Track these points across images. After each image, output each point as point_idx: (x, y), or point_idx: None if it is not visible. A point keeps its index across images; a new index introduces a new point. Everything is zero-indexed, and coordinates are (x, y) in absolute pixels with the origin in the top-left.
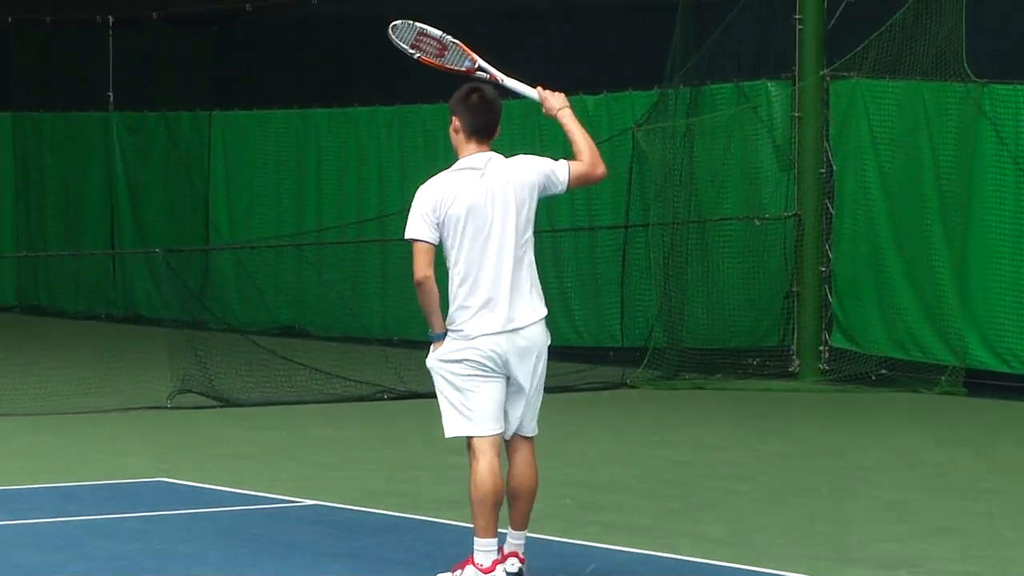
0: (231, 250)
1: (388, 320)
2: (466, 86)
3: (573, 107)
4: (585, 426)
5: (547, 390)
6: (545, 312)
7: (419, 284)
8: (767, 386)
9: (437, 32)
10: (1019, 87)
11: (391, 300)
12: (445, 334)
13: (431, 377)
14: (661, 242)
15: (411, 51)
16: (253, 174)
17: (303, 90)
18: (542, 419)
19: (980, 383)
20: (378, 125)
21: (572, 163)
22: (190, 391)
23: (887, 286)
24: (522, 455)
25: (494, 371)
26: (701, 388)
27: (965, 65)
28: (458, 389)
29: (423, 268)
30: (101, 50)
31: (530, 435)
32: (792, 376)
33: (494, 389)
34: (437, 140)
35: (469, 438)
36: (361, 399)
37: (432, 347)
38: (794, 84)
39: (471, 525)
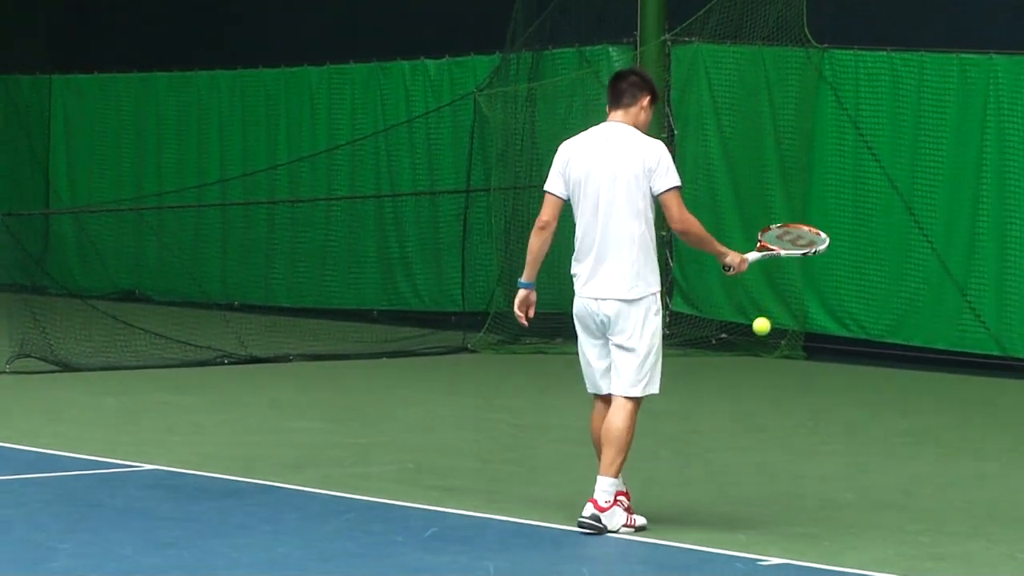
0: (71, 214)
1: (229, 284)
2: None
3: (416, 72)
4: (426, 391)
5: (388, 355)
6: (635, 295)
7: (538, 228)
8: None
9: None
10: (859, 52)
11: (232, 264)
12: (528, 285)
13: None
14: (503, 206)
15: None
16: (93, 138)
17: (143, 54)
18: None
19: (819, 347)
20: (219, 89)
21: (671, 198)
22: (29, 356)
23: None
24: (611, 406)
25: (589, 331)
26: (542, 352)
27: (806, 30)
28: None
29: (544, 215)
30: None
31: (617, 392)
32: None
33: (590, 351)
34: (278, 104)
35: None
36: (202, 364)
37: (517, 296)
38: (635, 49)
39: (310, 489)
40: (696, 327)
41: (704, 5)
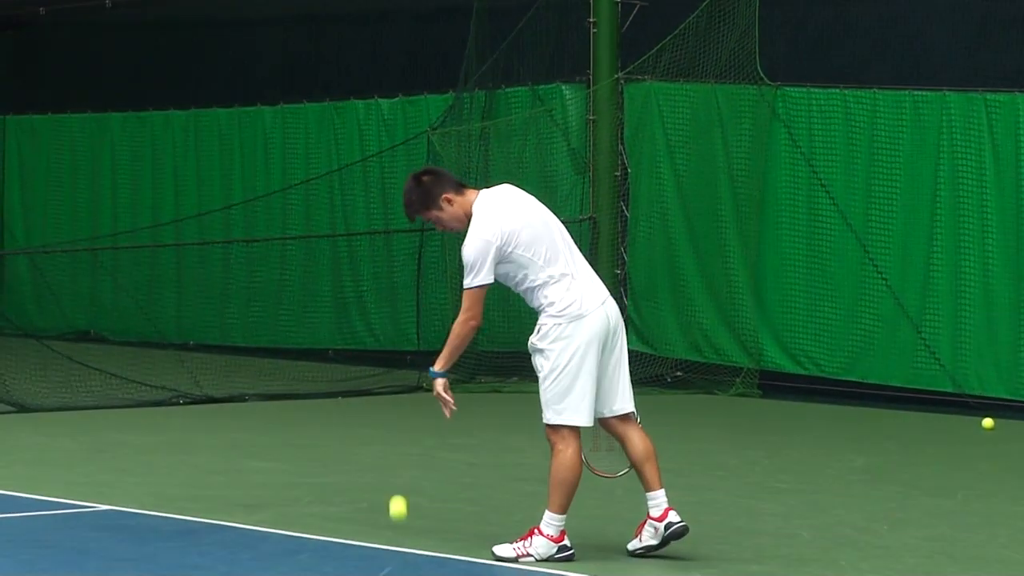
0: (26, 255)
1: (184, 324)
2: (412, 177)
3: (370, 111)
4: (381, 430)
5: (343, 394)
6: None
7: (472, 327)
8: None
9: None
10: (812, 89)
11: (187, 304)
12: (445, 375)
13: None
14: (457, 245)
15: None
16: (48, 178)
17: (98, 94)
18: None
19: (774, 385)
20: (173, 129)
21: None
22: None
23: (682, 289)
24: (631, 427)
25: (599, 346)
26: (498, 391)
27: (758, 68)
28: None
29: (479, 311)
30: None
31: (631, 408)
32: None
33: (594, 373)
34: (233, 144)
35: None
36: (157, 404)
37: (436, 383)
38: (588, 87)
39: (265, 529)
40: (651, 365)
41: (656, 43)
